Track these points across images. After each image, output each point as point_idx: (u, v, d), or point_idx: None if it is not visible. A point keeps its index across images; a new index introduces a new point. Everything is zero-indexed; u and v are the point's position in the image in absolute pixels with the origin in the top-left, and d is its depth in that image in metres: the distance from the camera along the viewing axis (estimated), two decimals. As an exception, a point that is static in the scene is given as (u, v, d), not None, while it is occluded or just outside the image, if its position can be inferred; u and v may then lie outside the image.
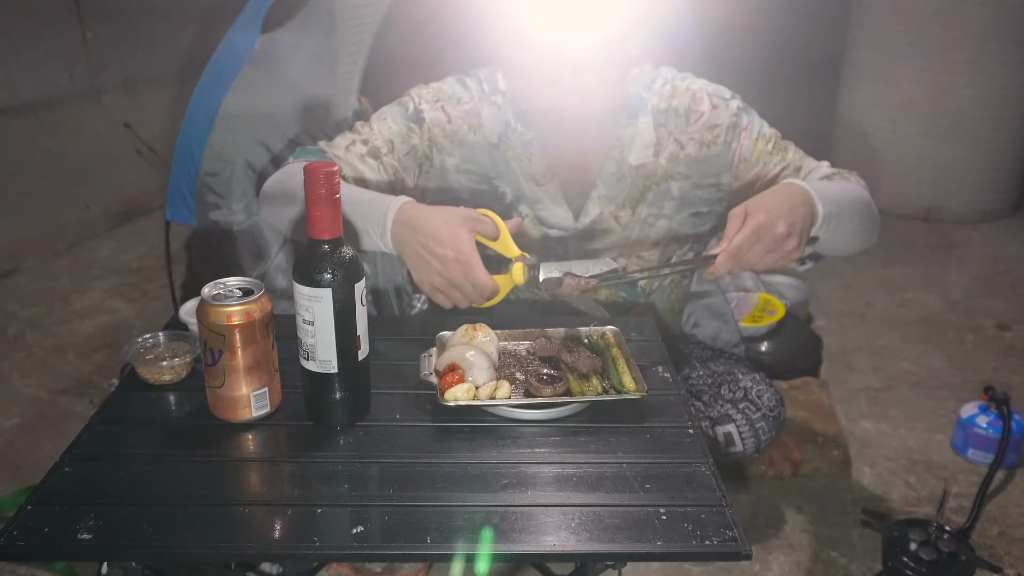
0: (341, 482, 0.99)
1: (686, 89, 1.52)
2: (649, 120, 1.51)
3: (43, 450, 2.16)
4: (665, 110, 1.51)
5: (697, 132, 1.51)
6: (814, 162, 1.55)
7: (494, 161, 1.51)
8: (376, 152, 1.47)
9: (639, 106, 1.51)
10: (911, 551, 1.71)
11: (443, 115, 1.50)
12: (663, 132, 1.51)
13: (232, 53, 2.20)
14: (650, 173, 1.51)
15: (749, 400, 1.57)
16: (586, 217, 1.52)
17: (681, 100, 1.51)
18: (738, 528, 0.91)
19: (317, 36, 2.14)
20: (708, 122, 1.51)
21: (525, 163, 1.50)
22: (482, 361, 1.13)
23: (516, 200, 1.52)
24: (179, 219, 2.34)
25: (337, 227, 1.01)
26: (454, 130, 1.50)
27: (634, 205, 1.52)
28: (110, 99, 3.88)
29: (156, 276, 3.12)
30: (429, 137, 1.50)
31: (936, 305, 3.03)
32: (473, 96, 1.52)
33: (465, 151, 1.51)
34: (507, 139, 1.50)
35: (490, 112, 1.50)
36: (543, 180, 1.50)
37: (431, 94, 1.52)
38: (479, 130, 1.50)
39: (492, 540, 0.89)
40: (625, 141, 1.50)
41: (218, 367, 1.04)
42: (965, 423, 2.14)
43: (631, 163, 1.50)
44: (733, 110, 1.51)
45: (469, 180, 1.52)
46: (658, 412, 1.13)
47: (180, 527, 0.91)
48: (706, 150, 1.51)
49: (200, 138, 2.19)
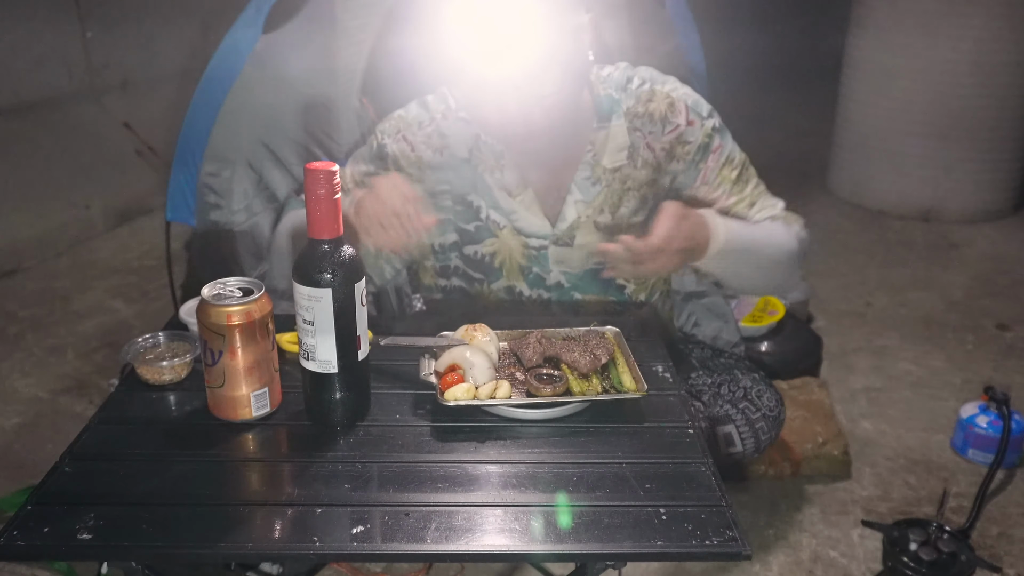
0: (341, 482, 0.99)
1: (665, 95, 1.46)
2: (622, 123, 1.46)
3: (43, 450, 2.15)
4: (642, 114, 1.46)
5: (668, 143, 1.46)
6: (771, 199, 1.53)
7: (466, 177, 1.50)
8: (349, 192, 1.48)
9: (611, 108, 1.46)
10: (911, 551, 1.71)
11: (405, 144, 1.50)
12: (637, 136, 1.47)
13: (233, 53, 2.20)
14: (626, 177, 1.48)
15: (749, 400, 1.57)
16: (563, 223, 1.50)
17: (659, 106, 1.45)
18: (738, 528, 0.91)
19: (318, 36, 2.14)
20: (681, 136, 1.46)
21: (498, 175, 1.48)
22: (482, 361, 1.13)
23: (491, 212, 1.51)
24: (179, 219, 2.33)
25: (337, 227, 1.01)
26: (418, 157, 1.49)
27: (613, 209, 1.50)
28: (110, 99, 3.88)
29: (156, 276, 3.12)
30: (397, 169, 1.49)
31: (936, 305, 3.03)
32: (435, 117, 1.50)
33: (435, 173, 1.50)
34: (478, 152, 1.48)
35: (458, 128, 1.48)
36: (517, 191, 1.49)
37: (392, 126, 1.51)
38: (445, 150, 1.49)
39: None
40: (598, 144, 1.47)
41: (218, 367, 1.04)
42: (965, 423, 2.14)
43: (605, 166, 1.47)
44: (707, 129, 1.46)
45: (446, 199, 1.52)
46: (658, 412, 1.13)
47: (180, 527, 0.91)
48: (674, 163, 1.48)
49: (200, 138, 2.18)
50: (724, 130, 1.50)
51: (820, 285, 3.03)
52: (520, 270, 1.54)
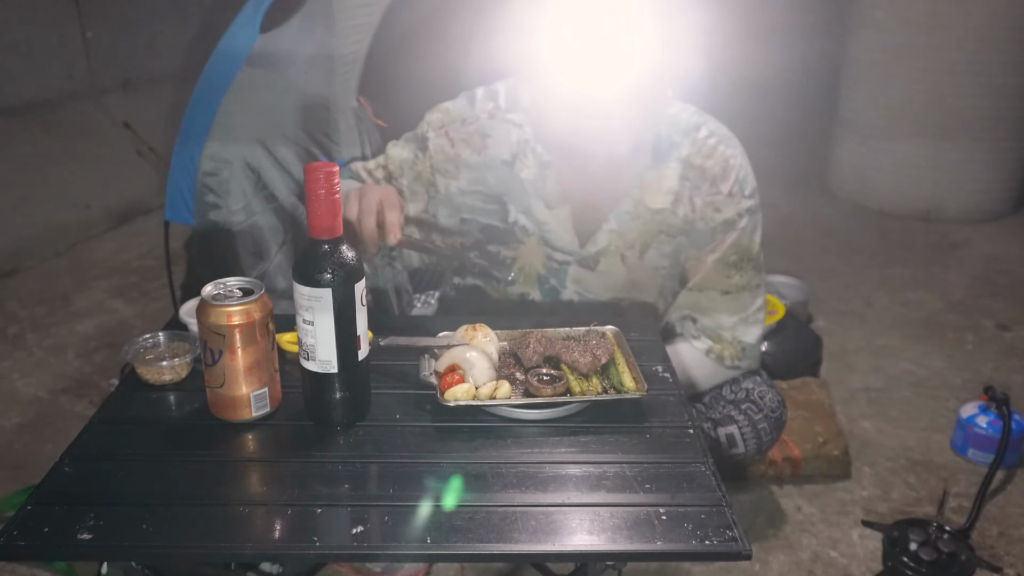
0: (341, 482, 0.99)
1: (725, 158, 1.43)
2: (676, 167, 1.44)
3: (43, 450, 2.15)
4: (697, 166, 1.43)
5: (704, 203, 1.45)
6: (749, 307, 1.52)
7: (503, 179, 1.48)
8: (391, 176, 1.52)
9: (669, 149, 1.43)
10: (911, 551, 1.71)
11: (446, 140, 1.48)
12: (686, 186, 1.44)
13: (231, 53, 2.20)
14: (663, 222, 1.46)
15: (751, 401, 1.57)
16: (593, 246, 1.48)
17: (715, 165, 1.43)
18: (738, 528, 0.91)
19: (316, 36, 2.14)
20: (716, 204, 1.44)
21: (539, 184, 1.46)
22: (482, 361, 1.13)
23: (521, 217, 1.49)
24: (179, 219, 2.33)
25: (337, 227, 1.01)
26: (456, 154, 1.48)
27: (642, 249, 1.48)
28: (110, 99, 3.88)
29: (156, 276, 3.12)
30: (431, 164, 1.49)
31: (936, 305, 3.03)
32: (479, 116, 1.47)
33: (471, 172, 1.48)
34: (523, 157, 1.46)
35: (502, 130, 1.46)
36: (555, 204, 1.47)
37: (438, 118, 1.50)
38: (484, 151, 1.47)
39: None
40: (647, 182, 1.44)
41: (218, 367, 1.04)
42: (965, 423, 2.14)
43: (648, 205, 1.45)
44: (741, 209, 1.45)
45: (478, 200, 1.50)
46: (658, 412, 1.13)
47: (180, 527, 0.91)
48: (699, 223, 1.46)
49: (200, 138, 2.19)
50: (755, 214, 1.48)
51: (820, 285, 3.03)
52: (537, 279, 1.54)
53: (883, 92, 3.80)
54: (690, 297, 1.53)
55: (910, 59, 3.66)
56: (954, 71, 3.58)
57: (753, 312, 1.53)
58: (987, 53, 3.53)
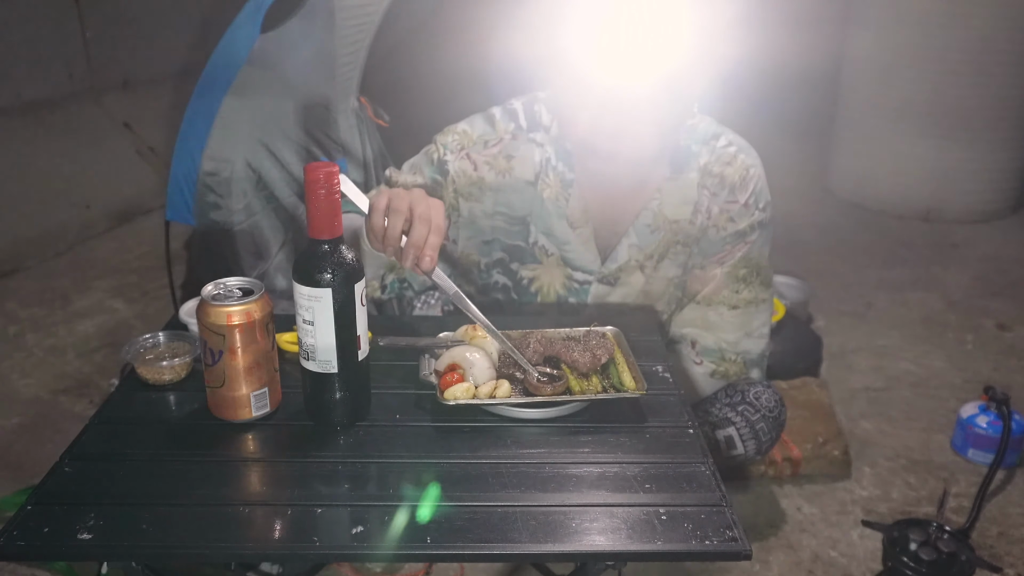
0: (341, 482, 0.99)
1: (744, 167, 1.44)
2: (694, 177, 1.44)
3: (43, 450, 2.15)
4: (715, 174, 1.43)
5: (719, 212, 1.45)
6: (754, 322, 1.52)
7: (528, 200, 1.45)
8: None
9: (687, 159, 1.43)
10: (911, 551, 1.71)
11: (468, 163, 1.43)
12: (704, 195, 1.44)
13: (231, 53, 2.20)
14: (679, 231, 1.46)
15: (747, 402, 1.57)
16: (613, 263, 1.48)
17: (734, 173, 1.43)
18: (738, 528, 0.91)
19: (316, 36, 2.14)
20: (730, 212, 1.45)
21: (562, 203, 1.44)
22: (482, 361, 1.13)
23: (541, 238, 1.47)
24: (179, 219, 2.34)
25: (337, 227, 1.01)
26: (480, 177, 1.43)
27: (659, 260, 1.48)
28: (110, 99, 3.88)
29: (156, 276, 3.11)
30: (454, 188, 1.44)
31: (936, 305, 3.03)
32: (502, 137, 1.44)
33: (496, 195, 1.45)
34: (545, 177, 1.44)
35: (526, 150, 1.43)
36: (578, 223, 1.45)
37: (456, 141, 1.44)
38: (509, 173, 1.44)
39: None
40: (665, 193, 1.44)
41: (218, 367, 1.04)
42: (965, 423, 2.14)
43: (667, 216, 1.45)
44: (754, 221, 1.46)
45: (502, 222, 1.48)
46: (658, 412, 1.13)
47: (180, 527, 0.91)
48: (711, 231, 1.47)
49: (200, 138, 2.19)
50: (767, 228, 1.48)
51: (820, 285, 3.03)
52: (556, 299, 1.53)
53: (883, 92, 3.80)
54: (697, 311, 1.53)
55: (910, 59, 3.66)
56: (954, 71, 3.58)
57: (758, 327, 1.54)
58: (987, 53, 3.53)
